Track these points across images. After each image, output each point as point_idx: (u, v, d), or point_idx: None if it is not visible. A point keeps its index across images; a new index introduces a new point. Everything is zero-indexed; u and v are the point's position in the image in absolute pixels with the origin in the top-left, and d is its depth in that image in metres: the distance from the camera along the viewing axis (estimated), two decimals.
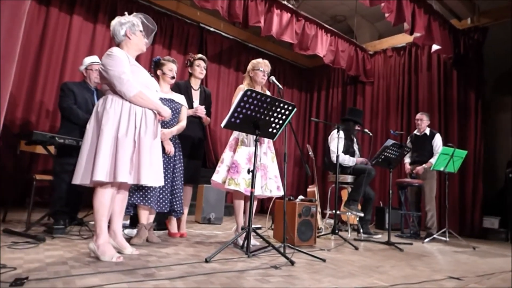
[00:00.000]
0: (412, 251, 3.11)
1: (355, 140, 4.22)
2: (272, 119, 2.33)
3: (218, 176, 2.66)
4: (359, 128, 4.26)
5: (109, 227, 1.99)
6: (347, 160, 3.97)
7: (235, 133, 2.76)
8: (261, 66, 2.79)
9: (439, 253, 3.13)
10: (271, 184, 2.72)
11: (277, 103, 2.27)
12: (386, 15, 4.49)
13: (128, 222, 2.95)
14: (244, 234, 2.31)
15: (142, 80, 2.00)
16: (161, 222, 3.04)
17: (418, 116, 4.52)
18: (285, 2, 4.88)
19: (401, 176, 5.17)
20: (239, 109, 2.17)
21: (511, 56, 4.26)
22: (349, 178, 4.00)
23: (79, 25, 4.67)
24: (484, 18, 5.28)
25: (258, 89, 2.79)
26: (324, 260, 2.25)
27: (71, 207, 2.75)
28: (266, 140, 2.78)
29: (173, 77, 2.73)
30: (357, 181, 3.90)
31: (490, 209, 5.08)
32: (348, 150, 4.05)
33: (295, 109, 2.39)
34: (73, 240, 2.35)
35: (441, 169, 3.96)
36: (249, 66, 2.86)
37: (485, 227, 4.95)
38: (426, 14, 4.77)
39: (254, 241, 2.68)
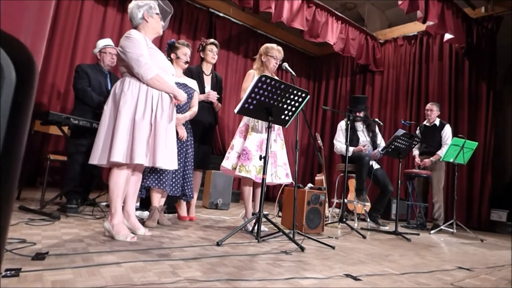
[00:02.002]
0: (420, 241, 3.12)
1: (361, 126, 4.14)
2: (285, 106, 2.32)
3: (228, 162, 2.66)
4: (360, 114, 4.14)
5: (123, 208, 2.02)
6: (344, 151, 3.95)
7: (245, 119, 2.75)
8: (274, 52, 2.75)
9: (447, 244, 3.14)
10: (280, 172, 2.72)
11: (290, 90, 2.26)
12: (399, 2, 4.40)
13: (138, 204, 2.99)
14: (254, 219, 2.33)
15: (159, 63, 2.00)
16: (170, 206, 3.08)
17: (428, 106, 4.46)
18: None
19: (409, 167, 5.16)
20: (253, 95, 2.16)
21: None
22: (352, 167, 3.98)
23: (90, 8, 4.70)
24: (499, 7, 5.15)
25: (268, 75, 2.77)
26: (333, 248, 2.27)
27: (83, 187, 2.80)
28: (276, 127, 2.77)
29: (186, 62, 2.70)
30: (356, 169, 3.90)
31: (498, 202, 5.05)
32: (352, 140, 4.00)
33: (308, 97, 2.37)
34: (86, 219, 2.39)
35: (451, 160, 3.92)
36: (262, 50, 2.81)
37: (493, 220, 4.94)
38: (440, 2, 4.67)
39: (263, 227, 2.71)
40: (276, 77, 2.77)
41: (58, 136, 3.90)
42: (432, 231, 3.87)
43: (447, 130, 4.30)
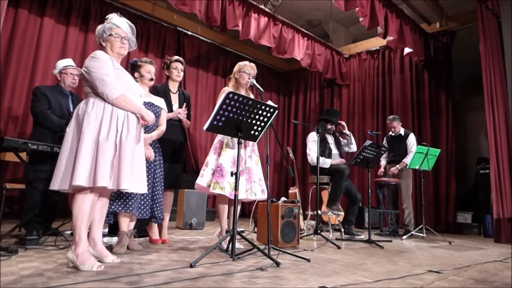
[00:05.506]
0: (392, 247, 3.19)
1: (331, 139, 4.29)
2: (254, 121, 2.33)
3: (203, 179, 2.62)
4: (331, 127, 4.29)
5: (88, 235, 1.91)
6: (321, 162, 4.04)
7: (220, 136, 2.73)
8: (247, 68, 2.79)
9: (418, 248, 3.23)
10: (255, 188, 2.71)
11: (258, 105, 2.28)
12: (361, 19, 4.64)
13: (106, 230, 2.85)
14: (229, 237, 2.29)
15: (126, 84, 1.96)
16: (141, 229, 2.96)
17: (390, 124, 4.62)
18: (262, 7, 4.92)
19: (378, 176, 5.32)
20: (221, 112, 2.16)
21: (477, 58, 4.54)
22: (325, 179, 4.06)
23: (51, 27, 4.51)
24: (452, 22, 5.59)
25: (242, 91, 2.79)
26: (308, 260, 2.26)
27: (45, 216, 2.63)
28: (250, 143, 2.77)
29: (151, 79, 2.64)
30: (333, 181, 3.98)
31: (463, 205, 5.33)
32: (324, 152, 4.11)
33: (277, 111, 2.40)
34: (48, 251, 2.23)
35: (417, 167, 4.10)
36: (235, 68, 2.85)
37: (459, 222, 5.20)
38: (398, 18, 4.98)
39: (238, 244, 2.67)
40: (251, 95, 2.81)
41: (16, 163, 3.65)
42: (403, 237, 3.98)
43: (412, 139, 4.50)
